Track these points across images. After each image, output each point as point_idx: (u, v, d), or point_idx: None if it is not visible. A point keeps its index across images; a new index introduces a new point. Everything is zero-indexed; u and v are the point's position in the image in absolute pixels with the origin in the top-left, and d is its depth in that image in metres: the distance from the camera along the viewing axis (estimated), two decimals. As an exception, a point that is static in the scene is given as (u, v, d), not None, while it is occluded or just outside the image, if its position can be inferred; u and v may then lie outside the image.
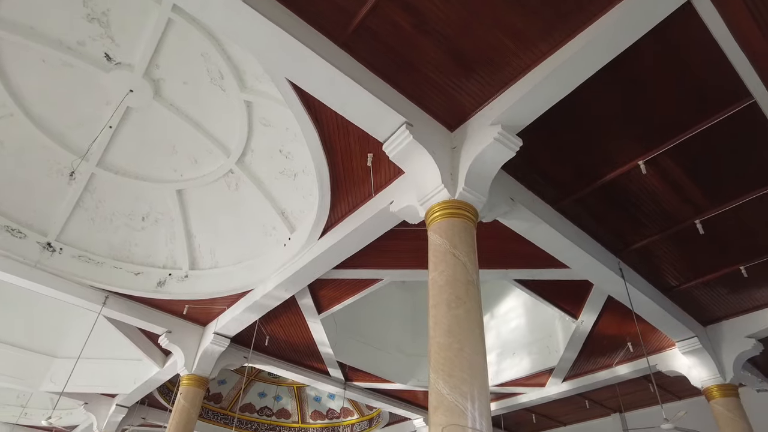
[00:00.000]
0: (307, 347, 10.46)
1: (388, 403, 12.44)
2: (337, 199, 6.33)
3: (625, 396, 11.56)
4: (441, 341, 3.79)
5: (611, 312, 8.36)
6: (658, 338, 8.93)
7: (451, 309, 3.93)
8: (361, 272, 7.71)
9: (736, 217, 6.50)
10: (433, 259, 4.39)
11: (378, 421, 14.77)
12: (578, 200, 6.24)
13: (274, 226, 7.73)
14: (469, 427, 3.32)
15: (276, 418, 16.90)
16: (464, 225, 4.54)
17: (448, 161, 4.86)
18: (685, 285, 7.81)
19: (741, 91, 4.92)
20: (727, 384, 8.27)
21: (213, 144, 7.26)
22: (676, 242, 6.94)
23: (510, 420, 13.37)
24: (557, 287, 8.08)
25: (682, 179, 5.94)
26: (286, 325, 9.71)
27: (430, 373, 3.73)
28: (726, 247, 7.03)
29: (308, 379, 11.49)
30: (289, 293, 7.95)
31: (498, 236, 6.66)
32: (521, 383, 10.84)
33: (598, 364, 9.91)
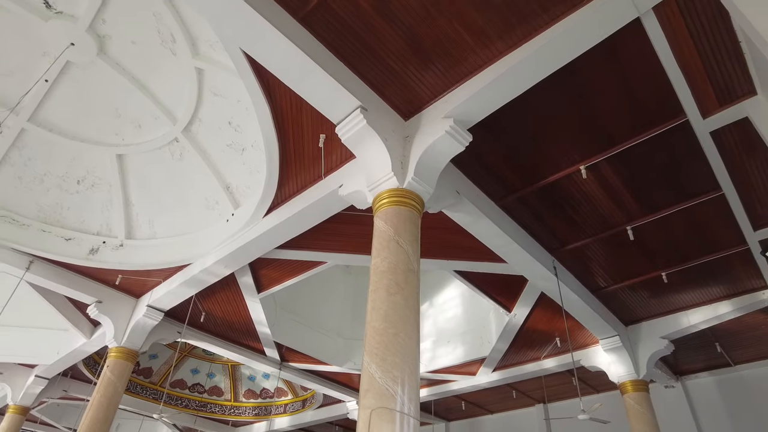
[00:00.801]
0: (245, 326, 10.32)
1: (323, 385, 12.51)
2: (285, 178, 6.24)
3: (549, 388, 12.19)
4: (377, 326, 3.85)
5: (543, 308, 8.76)
6: (584, 335, 9.46)
7: (390, 295, 3.99)
8: (305, 254, 7.66)
9: (663, 227, 6.95)
10: (376, 246, 4.43)
11: (311, 402, 14.83)
12: (520, 199, 6.46)
13: (218, 201, 7.52)
14: (397, 411, 3.41)
15: (208, 396, 16.63)
16: (410, 214, 4.60)
17: (399, 150, 4.90)
18: (612, 287, 8.31)
19: (677, 109, 5.25)
20: (640, 380, 8.92)
21: (159, 110, 6.94)
22: (607, 246, 7.35)
23: (440, 406, 13.80)
24: (494, 280, 8.37)
25: (618, 187, 6.28)
26: (224, 302, 9.52)
27: (364, 356, 3.78)
28: (651, 254, 7.52)
29: (244, 357, 11.36)
30: (228, 270, 7.79)
31: (442, 227, 6.80)
32: (453, 371, 11.19)
33: (527, 356, 10.39)
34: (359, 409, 3.56)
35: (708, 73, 4.89)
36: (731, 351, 10.36)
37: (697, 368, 11.30)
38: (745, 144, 5.61)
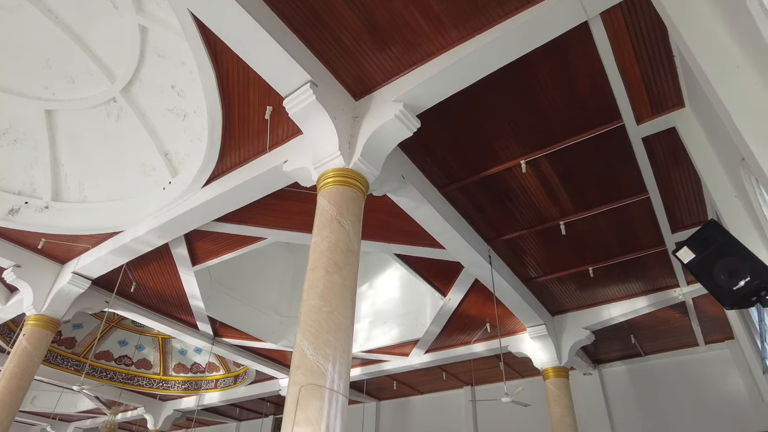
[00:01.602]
0: (177, 298, 10.02)
1: (257, 362, 12.41)
2: (227, 149, 6.05)
3: (477, 371, 12.71)
4: (313, 304, 3.86)
5: (476, 294, 9.07)
6: (513, 322, 9.91)
7: (328, 274, 4.00)
8: (244, 228, 7.49)
9: (593, 224, 7.36)
10: (318, 224, 4.41)
11: (244, 378, 14.69)
12: (462, 188, 6.62)
13: (155, 167, 7.19)
14: (326, 388, 3.45)
15: (136, 368, 16.08)
16: (354, 195, 4.60)
17: (348, 129, 4.87)
18: (542, 278, 8.72)
19: (614, 113, 5.52)
20: (561, 367, 9.48)
21: (96, 65, 6.49)
22: (540, 239, 7.69)
23: (373, 385, 14.07)
24: (432, 265, 8.56)
25: (555, 183, 6.56)
26: (157, 273, 9.18)
27: (297, 333, 3.79)
28: (581, 249, 7.95)
29: (175, 331, 11.04)
30: (162, 240, 7.50)
31: (385, 210, 6.86)
32: (387, 351, 11.42)
33: (458, 340, 10.76)
34: (289, 386, 3.57)
35: (644, 82, 5.18)
36: (643, 342, 11.21)
37: (612, 357, 12.15)
38: (671, 152, 6.02)
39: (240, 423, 18.57)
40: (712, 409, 10.64)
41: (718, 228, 2.72)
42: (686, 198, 6.79)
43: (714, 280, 2.55)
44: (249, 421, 18.23)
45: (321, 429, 3.24)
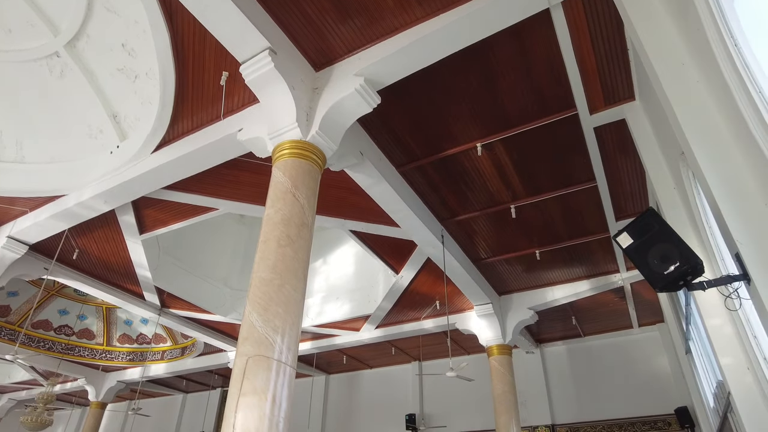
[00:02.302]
0: (123, 267, 9.68)
1: (205, 334, 12.24)
2: (179, 114, 5.81)
3: (425, 347, 13.04)
4: (263, 276, 3.83)
5: (427, 272, 9.25)
6: (461, 301, 10.19)
7: (280, 247, 3.97)
8: (195, 198, 7.28)
9: (542, 209, 7.61)
10: (272, 196, 4.35)
11: (192, 350, 14.47)
12: (419, 168, 6.67)
13: (102, 130, 6.83)
14: (274, 359, 3.45)
15: (77, 338, 15.51)
16: (310, 168, 4.55)
17: (306, 101, 4.78)
18: (491, 259, 8.98)
19: (569, 101, 5.68)
20: (505, 345, 9.87)
21: (37, 16, 6.03)
22: (492, 221, 7.89)
23: (322, 359, 14.19)
24: (386, 243, 8.64)
25: (508, 167, 6.71)
26: (101, 240, 8.82)
27: (246, 305, 3.75)
28: (529, 232, 8.21)
29: (120, 301, 10.69)
30: (108, 206, 7.19)
31: (341, 186, 6.84)
32: (338, 326, 11.51)
33: (408, 316, 10.98)
34: (236, 356, 3.56)
35: (599, 73, 5.34)
36: (583, 324, 11.81)
37: (554, 337, 12.75)
38: (620, 144, 6.26)
39: (187, 395, 18.36)
40: (641, 386, 11.41)
41: (656, 216, 2.88)
42: (631, 188, 7.12)
43: (648, 264, 2.71)
44: (196, 393, 18.05)
45: (267, 399, 3.25)
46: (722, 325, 4.49)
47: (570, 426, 11.79)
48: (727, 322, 4.44)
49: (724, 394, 5.13)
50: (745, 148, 2.82)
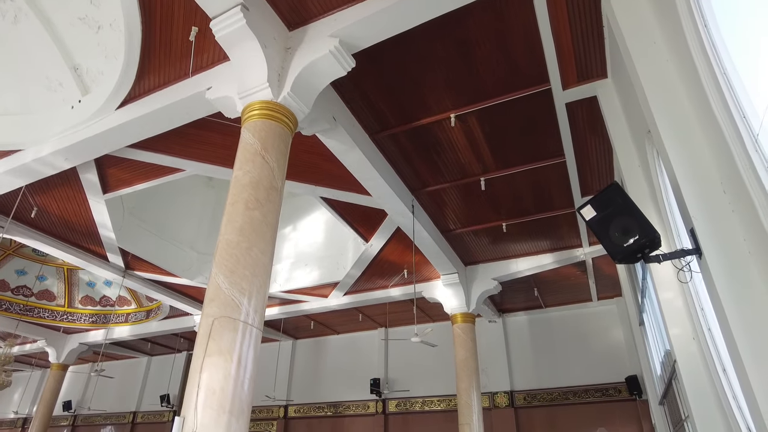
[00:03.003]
0: (85, 227, 9.40)
1: (171, 297, 12.11)
2: (146, 69, 5.58)
3: (392, 314, 13.29)
4: (230, 238, 3.79)
5: (396, 241, 9.33)
6: (428, 270, 10.36)
7: (248, 209, 3.92)
8: (162, 158, 7.07)
9: (511, 182, 7.72)
10: (240, 158, 4.26)
11: (157, 313, 14.32)
12: (393, 136, 6.64)
13: (62, 83, 6.50)
14: (240, 321, 3.46)
15: (36, 300, 15.12)
16: (280, 131, 4.47)
17: (278, 61, 4.65)
18: (459, 230, 9.11)
19: (543, 76, 5.70)
20: (469, 313, 10.14)
21: (-13, -46, 5.64)
22: (462, 193, 7.97)
23: (290, 324, 14.30)
24: (357, 211, 8.65)
25: (480, 139, 6.75)
26: (62, 199, 8.51)
27: (212, 267, 3.72)
28: (497, 205, 8.35)
29: (82, 261, 10.42)
30: (69, 164, 6.91)
31: (313, 152, 6.75)
32: (307, 292, 11.57)
33: (376, 284, 11.11)
34: (202, 317, 3.54)
35: (574, 49, 5.36)
36: (545, 296, 12.20)
37: (516, 308, 13.16)
38: (590, 121, 6.36)
39: (151, 358, 18.27)
40: (596, 356, 11.97)
41: (619, 190, 2.96)
42: (598, 165, 7.28)
43: (609, 236, 2.81)
44: (161, 356, 17.97)
45: (233, 360, 3.27)
46: (674, 298, 4.72)
47: (528, 392, 12.32)
48: (678, 295, 4.68)
49: (670, 362, 5.44)
50: (707, 129, 2.91)
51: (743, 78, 2.50)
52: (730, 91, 2.54)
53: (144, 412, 17.30)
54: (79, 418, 18.50)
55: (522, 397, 12.33)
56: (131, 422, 17.27)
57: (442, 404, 12.99)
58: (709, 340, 3.98)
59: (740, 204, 2.62)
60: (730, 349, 2.63)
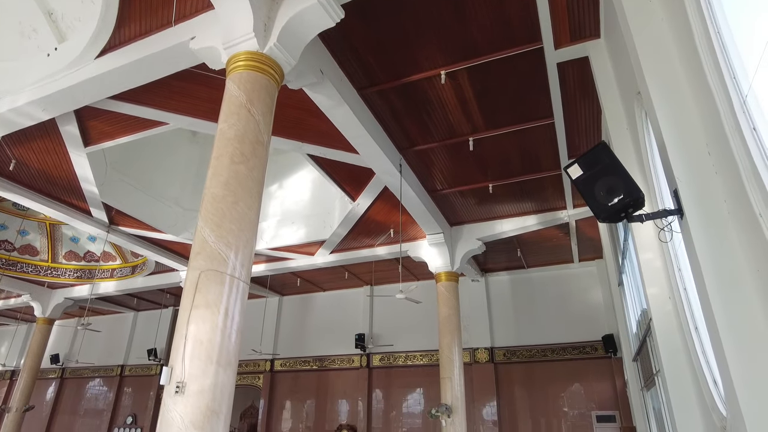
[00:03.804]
0: (67, 181, 9.23)
1: (156, 253, 12.08)
2: (126, 17, 5.35)
3: (377, 272, 13.45)
4: (216, 192, 3.75)
5: (383, 201, 9.34)
6: (414, 230, 10.44)
7: (233, 163, 3.87)
8: (144, 110, 6.89)
9: (499, 143, 7.69)
10: (225, 110, 4.17)
11: (142, 268, 14.32)
12: (381, 92, 6.52)
13: (36, 29, 6.21)
14: (227, 274, 3.47)
15: (18, 254, 14.98)
16: (266, 83, 4.36)
17: (265, 9, 4.48)
18: (446, 190, 9.13)
19: (536, 34, 5.60)
20: (453, 272, 10.31)
21: None
22: (450, 153, 7.94)
23: (276, 281, 14.43)
24: (344, 169, 8.60)
25: (470, 98, 6.67)
26: (42, 151, 8.30)
27: (198, 221, 3.70)
28: (485, 166, 8.35)
29: (65, 216, 10.28)
30: (48, 115, 6.70)
31: (300, 107, 6.63)
32: (293, 250, 11.63)
33: (363, 243, 11.19)
34: (188, 270, 3.55)
35: (568, 7, 5.25)
36: (527, 256, 12.43)
37: (499, 268, 13.40)
38: (581, 82, 6.31)
39: (138, 313, 18.39)
40: (574, 315, 12.34)
41: (606, 149, 2.98)
42: (586, 127, 7.28)
43: (594, 195, 2.84)
44: (147, 311, 18.09)
45: (220, 312, 3.30)
46: (653, 259, 4.84)
47: (507, 349, 12.73)
48: (657, 256, 4.79)
49: (646, 320, 5.63)
50: (697, 90, 2.91)
51: (736, 37, 2.48)
52: (722, 50, 2.52)
53: (132, 365, 17.56)
54: (67, 371, 18.72)
55: (502, 353, 12.74)
56: (119, 375, 17.54)
57: (425, 359, 13.38)
58: (684, 300, 4.11)
59: (723, 166, 2.65)
60: (704, 306, 2.72)
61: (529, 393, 12.23)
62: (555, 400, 11.92)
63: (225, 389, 3.23)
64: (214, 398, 3.14)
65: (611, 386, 11.46)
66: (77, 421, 17.75)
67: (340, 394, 14.16)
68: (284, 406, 14.83)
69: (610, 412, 11.25)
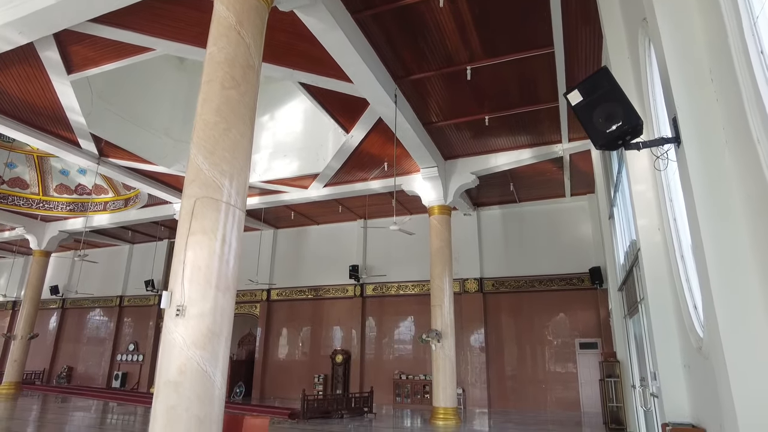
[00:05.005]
0: (52, 111, 8.98)
1: (148, 185, 12.01)
2: (102, -72, 4.99)
3: (371, 206, 13.53)
4: (208, 119, 3.67)
5: (378, 133, 9.22)
6: (408, 163, 10.39)
7: (224, 89, 3.76)
8: (129, 35, 6.58)
9: (497, 73, 7.49)
10: (214, 33, 3.99)
11: (135, 201, 14.29)
12: (377, 16, 6.23)
13: (6, -59, 5.80)
14: (223, 201, 3.47)
15: (8, 187, 14.86)
16: (256, 3, 4.15)
17: None
18: (441, 122, 9.00)
19: (539, -47, 5.30)
20: (446, 206, 10.40)
21: None
22: (447, 82, 7.74)
23: (270, 214, 14.51)
24: (338, 99, 8.38)
25: (468, 24, 6.41)
26: (23, 79, 8.01)
27: (191, 148, 3.65)
28: (482, 97, 8.18)
29: (53, 147, 10.11)
30: (25, 39, 6.40)
31: (291, 32, 6.35)
32: (287, 183, 11.60)
33: (356, 176, 11.16)
34: (183, 198, 3.54)
35: (574, -77, 4.94)
36: (520, 191, 12.50)
37: (491, 202, 13.51)
38: (583, 8, 6.05)
39: (133, 246, 18.56)
40: (563, 248, 12.61)
41: (608, 75, 2.91)
42: (586, 57, 7.08)
43: (593, 122, 2.81)
44: (143, 244, 18.26)
45: (217, 238, 3.33)
46: (645, 190, 4.88)
47: (496, 279, 13.11)
48: (650, 188, 4.83)
49: (634, 251, 5.77)
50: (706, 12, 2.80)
51: (751, -47, 2.36)
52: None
53: (130, 296, 17.96)
54: (67, 302, 19.16)
55: (491, 283, 13.13)
56: (118, 306, 17.99)
57: (416, 288, 13.78)
58: (673, 230, 4.19)
59: (725, 92, 2.61)
60: (693, 232, 2.77)
61: (515, 321, 12.75)
62: (541, 328, 12.45)
63: (225, 312, 3.33)
64: (214, 321, 3.24)
65: (595, 316, 11.94)
66: (81, 349, 18.42)
67: (335, 321, 14.69)
68: (281, 333, 15.40)
69: (593, 339, 11.81)
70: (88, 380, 17.63)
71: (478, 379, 12.48)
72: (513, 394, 12.26)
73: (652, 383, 5.04)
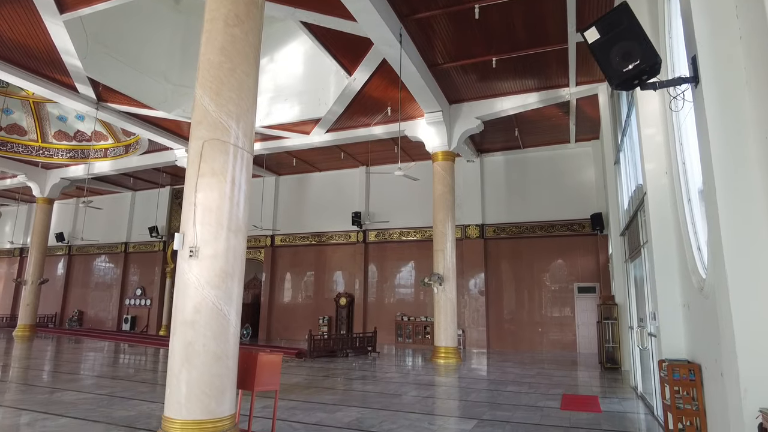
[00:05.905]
0: (46, 53, 8.73)
1: (149, 131, 11.87)
2: None
3: (374, 153, 13.43)
4: (212, 58, 3.57)
5: (381, 76, 8.99)
6: (412, 108, 10.21)
7: (228, 27, 3.64)
8: (123, -30, 6.31)
9: (506, 12, 7.21)
10: (215, -34, 3.81)
11: (136, 147, 14.18)
12: (382, -50, 5.95)
13: None
14: (231, 143, 3.44)
15: (6, 134, 14.70)
16: (258, -65, 3.94)
17: None
18: (447, 65, 8.76)
19: None
20: (450, 152, 10.32)
21: None
22: (453, 22, 7.47)
23: (272, 161, 14.43)
24: (340, 39, 8.12)
25: (478, -42, 6.11)
26: (14, 19, 7.74)
27: (196, 89, 3.57)
28: (489, 37, 7.91)
29: (49, 92, 9.91)
30: (15, -27, 6.13)
31: (293, -33, 6.08)
32: (288, 128, 11.45)
33: (359, 122, 11.00)
34: (190, 140, 3.51)
35: None
36: (525, 136, 12.35)
37: (495, 148, 13.39)
38: (599, -60, 5.75)
39: (136, 193, 18.58)
40: (566, 195, 12.62)
41: (628, 11, 2.80)
42: (598, -3, 6.79)
43: (609, 61, 2.73)
44: (145, 191, 18.27)
45: (227, 180, 3.33)
46: (655, 134, 4.83)
47: (497, 225, 13.21)
48: (660, 131, 4.78)
49: (639, 196, 5.78)
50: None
51: None
52: None
53: (135, 242, 18.18)
54: (73, 248, 19.41)
55: (492, 229, 13.25)
56: (124, 252, 18.24)
57: (418, 235, 13.93)
58: (681, 173, 4.18)
59: (750, 29, 2.53)
60: (706, 173, 2.76)
61: (515, 266, 12.96)
62: (540, 273, 12.68)
63: (237, 253, 3.38)
64: (227, 261, 3.30)
65: (594, 261, 12.12)
66: (90, 294, 18.86)
67: (338, 266, 14.94)
68: (285, 278, 15.71)
69: (591, 284, 12.05)
70: (99, 323, 18.17)
71: (477, 322, 12.85)
72: (511, 336, 12.66)
73: (650, 323, 5.19)
